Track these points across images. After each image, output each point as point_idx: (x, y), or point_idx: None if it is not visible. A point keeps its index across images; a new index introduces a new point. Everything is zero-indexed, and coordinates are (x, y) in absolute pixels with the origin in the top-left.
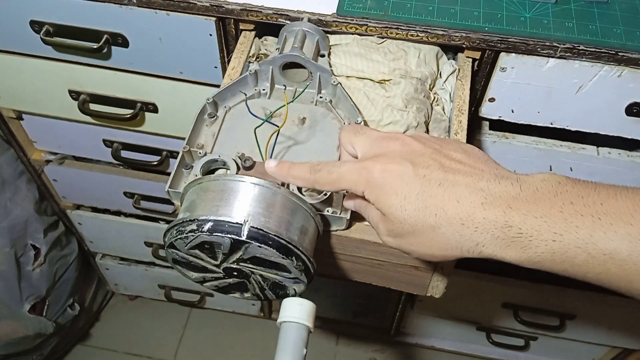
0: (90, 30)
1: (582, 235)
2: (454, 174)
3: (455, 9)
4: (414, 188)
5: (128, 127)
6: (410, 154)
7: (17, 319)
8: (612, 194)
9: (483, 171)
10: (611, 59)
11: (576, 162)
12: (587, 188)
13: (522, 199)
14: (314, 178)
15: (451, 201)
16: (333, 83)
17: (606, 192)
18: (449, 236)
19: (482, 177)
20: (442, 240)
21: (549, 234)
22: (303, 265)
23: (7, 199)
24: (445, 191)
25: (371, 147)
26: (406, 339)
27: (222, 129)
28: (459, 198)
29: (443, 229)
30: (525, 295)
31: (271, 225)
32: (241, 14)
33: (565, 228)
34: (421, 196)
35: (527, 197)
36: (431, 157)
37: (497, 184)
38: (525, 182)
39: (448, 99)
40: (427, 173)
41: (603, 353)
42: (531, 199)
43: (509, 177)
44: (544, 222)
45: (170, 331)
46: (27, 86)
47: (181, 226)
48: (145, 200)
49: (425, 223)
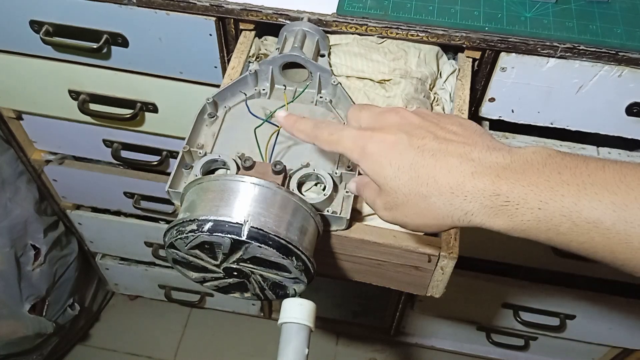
0: (90, 30)
1: (567, 204)
2: (447, 144)
3: (456, 9)
4: (408, 158)
5: (128, 127)
6: (407, 126)
7: (17, 319)
8: (600, 166)
9: (476, 142)
10: (611, 58)
11: None
12: (576, 160)
13: (511, 169)
14: (315, 134)
15: (442, 171)
16: (333, 83)
17: (594, 165)
18: (440, 205)
19: (474, 149)
20: (434, 209)
21: (535, 202)
22: (303, 265)
23: (7, 199)
24: (437, 161)
25: (372, 120)
26: (406, 339)
27: (222, 129)
28: (450, 168)
29: (434, 198)
30: (525, 295)
31: (271, 225)
32: (241, 14)
33: (551, 196)
34: (414, 166)
35: (516, 167)
36: (427, 130)
37: (488, 155)
38: (516, 153)
39: (448, 99)
40: (422, 144)
41: (603, 353)
42: (520, 169)
43: (501, 149)
44: (530, 191)
45: (170, 331)
46: (26, 86)
47: (181, 226)
48: (145, 200)
49: (417, 192)
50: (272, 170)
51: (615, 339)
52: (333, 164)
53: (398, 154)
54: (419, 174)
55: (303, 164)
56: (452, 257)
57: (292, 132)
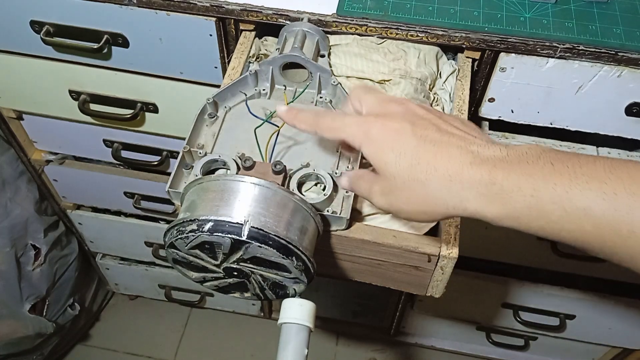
0: (90, 31)
1: (558, 192)
2: (449, 137)
3: (455, 9)
4: (410, 146)
5: (128, 127)
6: (412, 116)
7: (17, 319)
8: (591, 160)
9: (476, 137)
10: (611, 59)
11: None
12: (568, 154)
13: (507, 161)
14: (317, 122)
15: (442, 159)
16: (333, 83)
17: (586, 158)
18: (436, 192)
19: (474, 142)
20: (430, 195)
21: (528, 190)
22: (303, 265)
23: (8, 199)
24: (437, 150)
25: (376, 106)
26: (406, 339)
27: (222, 129)
28: (449, 157)
29: (431, 184)
30: (525, 295)
31: (271, 225)
32: (241, 14)
33: (544, 185)
34: (415, 153)
35: (512, 159)
36: (430, 121)
37: (486, 149)
38: (512, 148)
39: (448, 99)
40: (424, 134)
41: (603, 353)
42: (516, 161)
43: (499, 144)
44: (524, 180)
45: (170, 331)
46: (27, 86)
47: (181, 226)
48: (146, 200)
49: (416, 178)
50: (272, 170)
51: (615, 339)
52: (333, 164)
53: (400, 141)
54: (419, 161)
55: (303, 164)
56: (451, 257)
57: (294, 124)
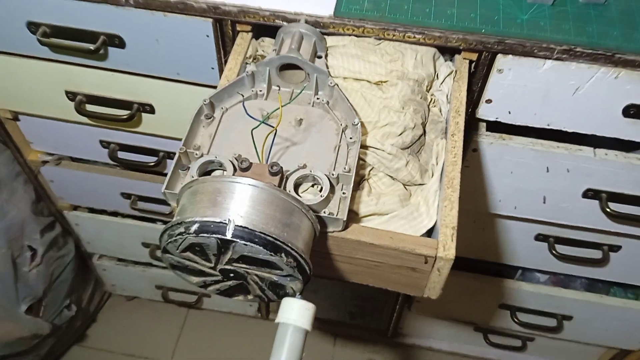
0: (87, 32)
1: None
2: None
3: (452, 11)
4: None
5: (125, 128)
6: None
7: (13, 320)
8: None
9: None
10: (608, 60)
11: (573, 164)
12: None
13: None
14: None
15: None
16: (330, 84)
17: None
18: None
19: None
20: None
21: None
22: (295, 262)
23: (4, 200)
24: None
25: None
26: (403, 340)
27: (218, 130)
28: None
29: None
30: (522, 296)
31: (257, 222)
32: (238, 16)
33: None
34: None
35: None
36: None
37: None
38: None
39: (445, 101)
40: None
41: (600, 354)
42: None
43: None
44: None
45: (167, 332)
46: (23, 87)
47: (171, 230)
48: (142, 201)
49: None
50: (268, 171)
51: (611, 340)
52: (330, 165)
53: None
54: None
55: (300, 165)
56: (448, 258)
57: None
